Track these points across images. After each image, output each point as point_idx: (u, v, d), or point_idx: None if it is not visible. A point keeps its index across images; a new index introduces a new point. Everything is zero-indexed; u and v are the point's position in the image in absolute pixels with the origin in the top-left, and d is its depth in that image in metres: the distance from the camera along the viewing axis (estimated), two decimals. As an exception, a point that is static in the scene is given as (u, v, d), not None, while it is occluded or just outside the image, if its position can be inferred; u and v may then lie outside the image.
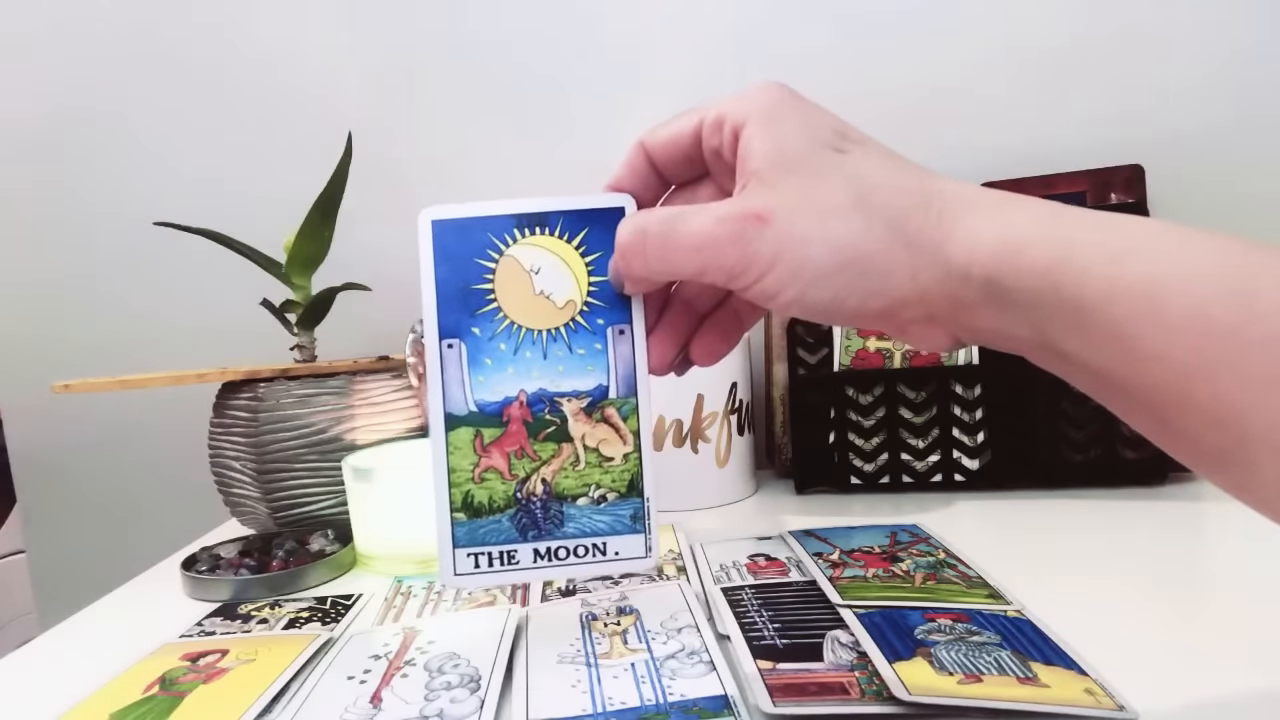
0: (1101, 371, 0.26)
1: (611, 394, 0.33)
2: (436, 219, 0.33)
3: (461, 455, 0.32)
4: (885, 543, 0.54)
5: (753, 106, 0.29)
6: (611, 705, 0.35)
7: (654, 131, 0.33)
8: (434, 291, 0.33)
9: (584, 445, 0.33)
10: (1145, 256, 0.24)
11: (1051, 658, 0.37)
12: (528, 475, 0.33)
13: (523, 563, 0.32)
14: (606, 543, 0.33)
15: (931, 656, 0.37)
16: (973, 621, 0.40)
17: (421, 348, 0.66)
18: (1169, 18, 0.74)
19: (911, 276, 0.27)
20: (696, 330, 0.34)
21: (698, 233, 0.29)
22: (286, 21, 0.85)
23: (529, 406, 0.33)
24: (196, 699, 0.39)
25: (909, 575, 0.48)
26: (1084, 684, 0.35)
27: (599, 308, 0.33)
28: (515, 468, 0.32)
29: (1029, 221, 0.26)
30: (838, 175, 0.28)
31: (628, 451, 0.33)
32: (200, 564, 0.58)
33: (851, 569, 0.49)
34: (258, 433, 0.64)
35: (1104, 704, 0.33)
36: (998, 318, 0.27)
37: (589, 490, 0.33)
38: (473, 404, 0.32)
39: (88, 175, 0.89)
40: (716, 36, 0.79)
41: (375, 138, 0.80)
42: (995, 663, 0.36)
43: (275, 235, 0.70)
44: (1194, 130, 0.74)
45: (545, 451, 0.33)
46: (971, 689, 0.34)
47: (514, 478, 0.32)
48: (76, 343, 0.90)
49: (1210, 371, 0.23)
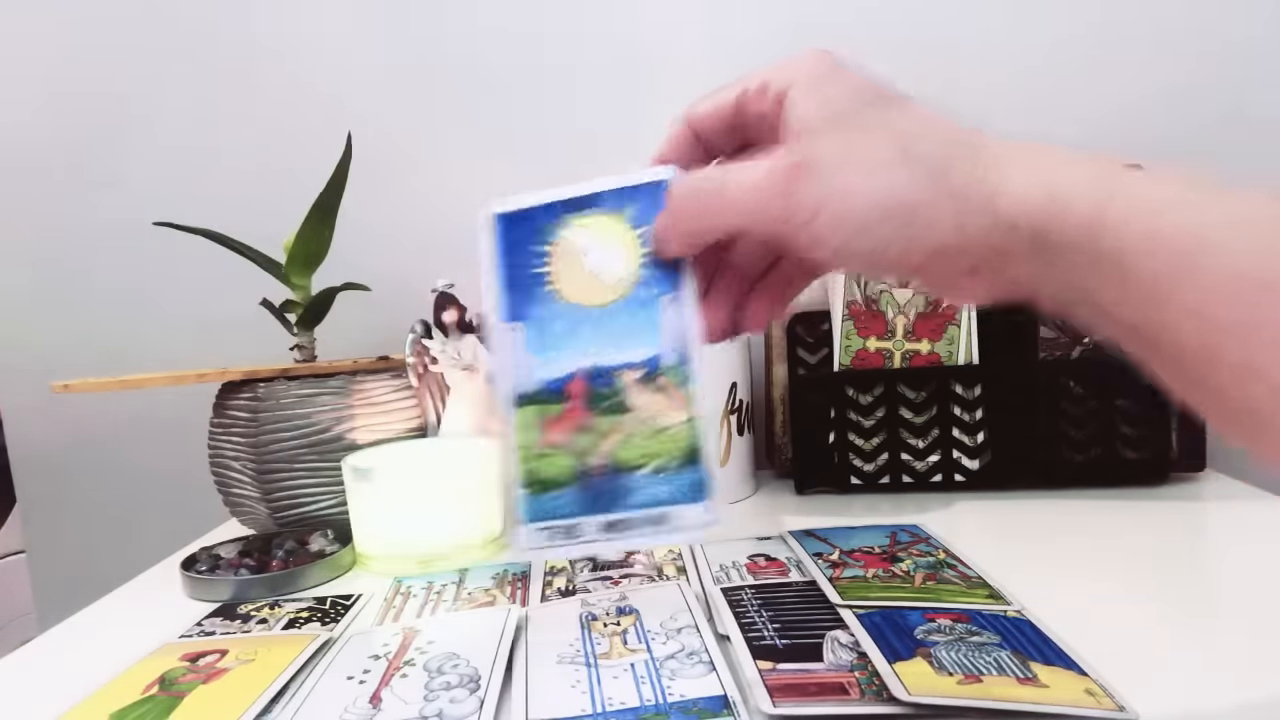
0: (1136, 325, 0.26)
1: (665, 363, 0.33)
2: (499, 212, 0.34)
3: (527, 432, 0.33)
4: (885, 543, 0.54)
5: (798, 72, 0.30)
6: (611, 705, 0.35)
7: (696, 105, 0.34)
8: (496, 280, 0.34)
9: (641, 416, 0.33)
10: (1185, 209, 0.24)
11: (1052, 658, 0.37)
12: (590, 448, 0.33)
13: (588, 534, 0.32)
14: (668, 512, 0.33)
15: (931, 657, 0.37)
16: (973, 622, 0.40)
17: (420, 348, 0.66)
18: (1168, 17, 0.74)
19: (957, 228, 0.27)
20: (747, 296, 0.35)
21: (748, 184, 0.30)
22: (286, 21, 0.85)
23: (588, 382, 0.33)
24: (196, 699, 0.39)
25: (909, 575, 0.48)
26: (1084, 684, 0.35)
27: (650, 279, 0.34)
28: (577, 442, 0.33)
29: (1077, 175, 0.26)
30: (882, 130, 0.28)
31: (684, 419, 0.33)
32: (200, 564, 0.58)
33: (851, 569, 0.49)
34: (257, 433, 0.64)
35: (1104, 704, 0.33)
36: (1040, 270, 0.27)
37: (649, 460, 0.33)
38: (536, 383, 0.33)
39: (88, 175, 0.89)
40: (717, 37, 0.79)
41: (375, 137, 0.80)
42: (995, 663, 0.36)
43: (275, 235, 0.70)
44: (1193, 130, 0.74)
45: (605, 424, 0.33)
46: (971, 689, 0.34)
47: (577, 452, 0.33)
48: (76, 343, 0.90)
49: (1243, 326, 0.23)
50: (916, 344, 0.67)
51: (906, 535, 0.56)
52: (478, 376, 0.66)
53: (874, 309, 0.68)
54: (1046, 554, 0.52)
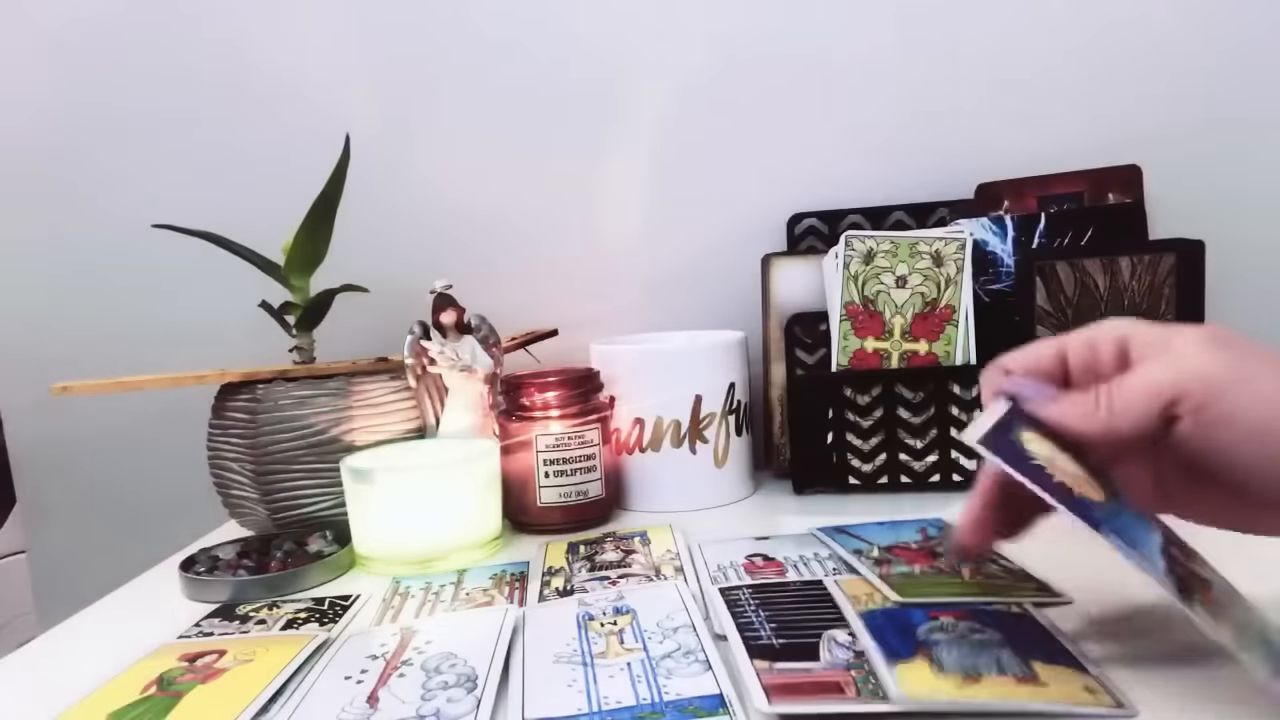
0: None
1: None
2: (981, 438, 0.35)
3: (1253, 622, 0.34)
4: (918, 538, 0.54)
5: None
6: (607, 704, 0.35)
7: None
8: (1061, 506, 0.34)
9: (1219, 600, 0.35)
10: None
11: (1054, 655, 0.37)
12: None
13: None
14: None
15: (932, 657, 0.37)
16: (976, 619, 0.40)
17: (419, 349, 0.66)
18: (1167, 17, 0.74)
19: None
20: None
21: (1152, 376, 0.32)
22: (286, 22, 0.85)
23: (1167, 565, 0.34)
24: (194, 699, 0.39)
25: (956, 570, 0.48)
26: (1084, 681, 0.35)
27: None
28: None
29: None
30: None
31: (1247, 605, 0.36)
32: (199, 565, 0.58)
33: (898, 566, 0.49)
34: (256, 434, 0.64)
35: (1103, 701, 0.33)
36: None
37: None
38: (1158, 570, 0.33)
39: (87, 177, 0.89)
40: (715, 39, 0.79)
41: (374, 139, 0.80)
42: (995, 662, 0.36)
43: (274, 237, 0.71)
44: (1192, 130, 0.74)
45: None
46: (969, 691, 0.34)
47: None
48: (76, 343, 0.90)
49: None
50: (914, 344, 0.67)
51: (935, 529, 0.56)
52: (476, 377, 0.66)
53: (871, 309, 0.68)
54: (1046, 554, 0.52)
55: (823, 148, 0.79)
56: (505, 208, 0.84)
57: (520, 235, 0.84)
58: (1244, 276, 0.70)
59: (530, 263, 0.84)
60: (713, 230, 0.82)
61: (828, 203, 0.78)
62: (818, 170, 0.79)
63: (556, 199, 0.83)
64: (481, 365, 0.66)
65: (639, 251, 0.83)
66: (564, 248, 0.84)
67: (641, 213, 0.83)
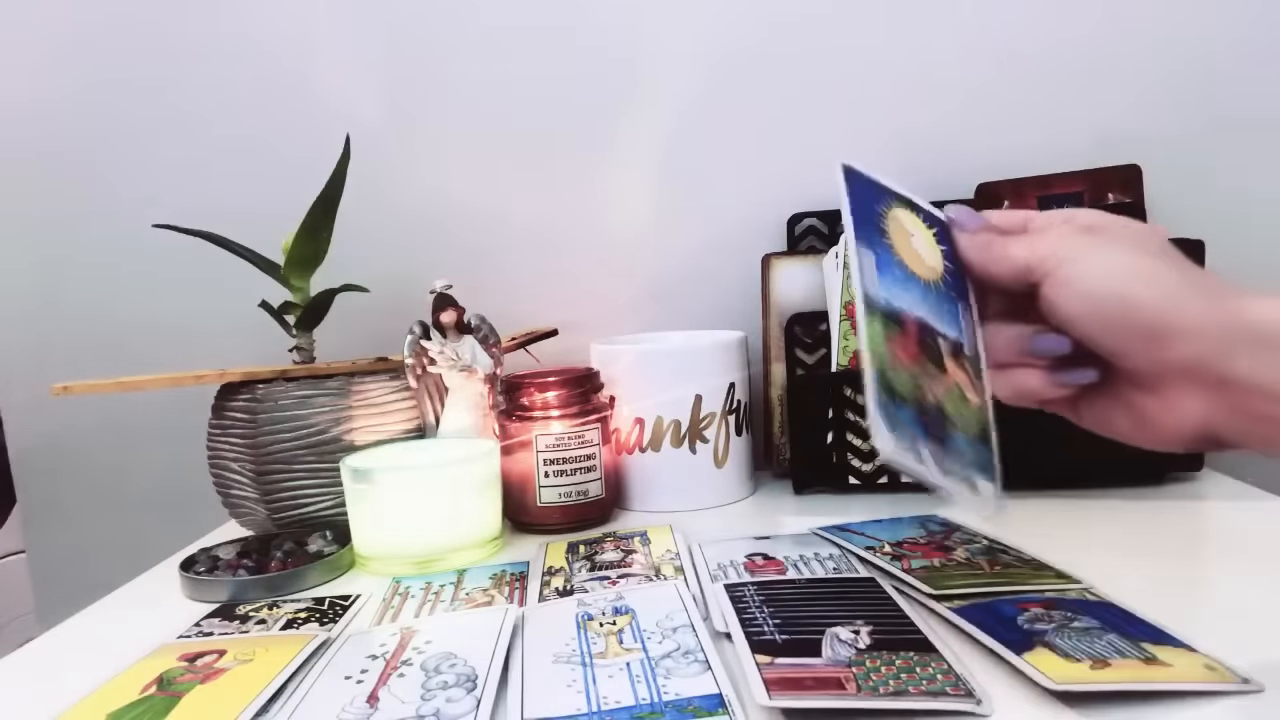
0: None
1: (967, 350, 0.36)
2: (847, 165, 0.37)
3: (876, 340, 0.34)
4: (922, 533, 0.55)
5: None
6: (607, 704, 0.35)
7: None
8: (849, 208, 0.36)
9: (955, 379, 0.35)
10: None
11: (1157, 637, 0.38)
12: (927, 383, 0.34)
13: (925, 459, 0.33)
14: (974, 477, 0.34)
15: (1052, 646, 0.37)
16: (1064, 608, 0.41)
17: (419, 349, 0.66)
18: (1167, 17, 0.74)
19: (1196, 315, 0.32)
20: None
21: None
22: (285, 21, 0.85)
23: (919, 328, 0.35)
24: (194, 699, 0.39)
25: (973, 561, 0.48)
26: (1202, 660, 0.35)
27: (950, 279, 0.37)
28: (917, 372, 0.34)
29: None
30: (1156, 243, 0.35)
31: (979, 403, 0.36)
32: (199, 565, 0.58)
33: (916, 560, 0.49)
34: (256, 434, 0.64)
35: (1226, 678, 0.34)
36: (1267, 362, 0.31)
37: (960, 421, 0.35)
38: (883, 299, 0.35)
39: (87, 176, 0.89)
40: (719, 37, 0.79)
41: (374, 138, 0.80)
42: (1110, 646, 0.37)
43: (274, 237, 0.71)
44: (1192, 130, 0.74)
45: (933, 371, 0.35)
46: (1105, 674, 0.34)
47: (918, 379, 0.34)
48: (76, 343, 0.90)
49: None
50: (914, 344, 0.67)
51: (936, 525, 0.56)
52: (476, 377, 0.66)
53: (872, 309, 0.68)
54: (1045, 554, 0.52)
55: (823, 148, 0.79)
56: (505, 208, 0.84)
57: (520, 235, 0.84)
58: (1244, 276, 0.70)
59: (530, 262, 0.84)
60: (713, 230, 0.82)
61: (828, 203, 0.78)
62: (818, 170, 0.79)
63: (557, 199, 0.83)
64: (481, 365, 0.66)
65: (639, 251, 0.83)
66: (564, 247, 0.84)
67: (642, 213, 0.83)
